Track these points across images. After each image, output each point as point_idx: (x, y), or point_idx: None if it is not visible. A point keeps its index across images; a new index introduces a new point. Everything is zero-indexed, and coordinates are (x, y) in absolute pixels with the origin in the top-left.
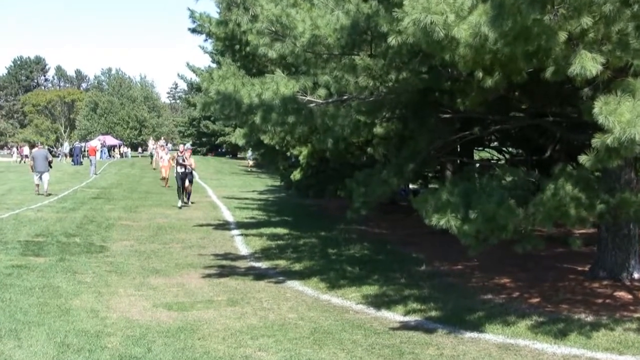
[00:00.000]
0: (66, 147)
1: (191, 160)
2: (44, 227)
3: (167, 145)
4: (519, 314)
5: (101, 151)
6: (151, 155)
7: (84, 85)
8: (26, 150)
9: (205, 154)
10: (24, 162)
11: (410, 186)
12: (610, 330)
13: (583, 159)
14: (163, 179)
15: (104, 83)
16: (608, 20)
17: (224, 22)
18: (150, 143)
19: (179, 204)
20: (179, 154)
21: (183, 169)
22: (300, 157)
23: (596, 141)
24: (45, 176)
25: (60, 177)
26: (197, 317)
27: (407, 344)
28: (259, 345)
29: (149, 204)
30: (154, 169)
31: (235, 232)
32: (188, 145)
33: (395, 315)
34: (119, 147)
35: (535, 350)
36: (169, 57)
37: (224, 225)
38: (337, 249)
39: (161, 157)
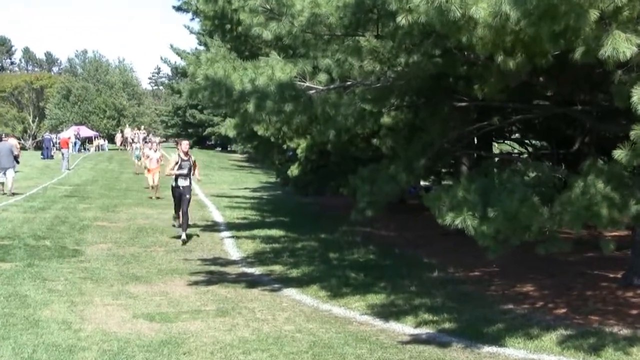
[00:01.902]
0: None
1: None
2: (10, 229)
3: (155, 139)
4: (544, 326)
5: (74, 143)
6: (137, 157)
7: (55, 69)
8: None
9: (191, 147)
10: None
11: (422, 183)
12: None
13: (618, 153)
14: (152, 187)
15: (77, 67)
16: None
17: None
18: (127, 133)
19: (183, 235)
20: (183, 156)
21: (187, 182)
22: (299, 151)
23: (635, 133)
24: (10, 173)
25: (28, 172)
26: (183, 329)
27: (417, 359)
28: None
29: (128, 202)
30: (138, 173)
31: (225, 234)
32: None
33: (404, 328)
34: (95, 139)
35: None
36: (150, 39)
37: (212, 227)
38: (339, 253)
39: (148, 157)
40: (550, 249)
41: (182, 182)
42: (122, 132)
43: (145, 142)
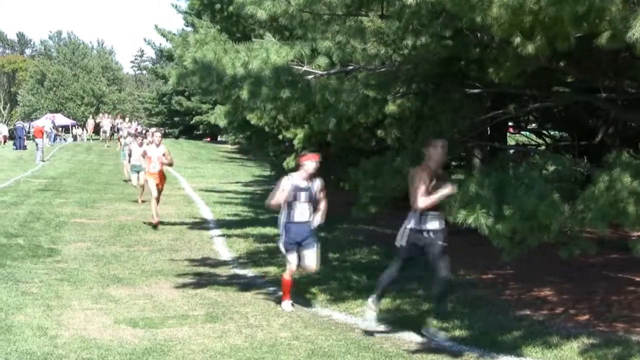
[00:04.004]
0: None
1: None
2: None
3: (153, 132)
4: (564, 334)
5: (50, 133)
6: (128, 154)
7: (28, 51)
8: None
9: (177, 137)
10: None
11: None
12: None
13: None
14: (154, 223)
15: (52, 49)
16: None
17: None
18: (106, 125)
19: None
20: (438, 169)
21: (443, 222)
22: (295, 141)
23: None
24: None
25: None
26: (169, 336)
27: None
28: None
29: (108, 197)
30: (127, 180)
31: (215, 232)
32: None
33: (411, 335)
34: (72, 128)
35: None
36: (133, 19)
37: (201, 224)
38: (339, 253)
39: (145, 155)
40: (574, 251)
41: (432, 223)
42: (94, 118)
43: (133, 135)
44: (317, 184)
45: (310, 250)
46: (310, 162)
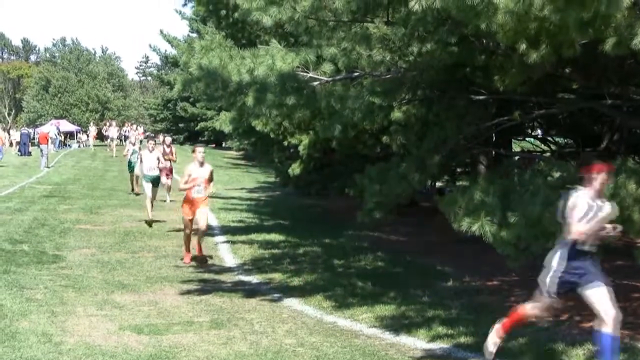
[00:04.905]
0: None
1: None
2: None
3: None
4: (569, 340)
5: (56, 140)
6: (131, 167)
7: (32, 57)
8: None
9: (182, 143)
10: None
11: (435, 184)
12: None
13: None
14: (186, 262)
15: (57, 56)
16: None
17: None
18: (112, 132)
19: None
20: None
21: None
22: (300, 148)
23: None
24: None
25: (3, 171)
26: (174, 343)
27: None
28: None
29: (113, 203)
30: (136, 194)
31: (220, 238)
32: None
33: (416, 342)
34: (77, 134)
35: None
36: (137, 25)
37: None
38: (344, 259)
39: (189, 176)
40: None
41: None
42: (97, 124)
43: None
44: (608, 206)
45: (597, 289)
46: (601, 175)
